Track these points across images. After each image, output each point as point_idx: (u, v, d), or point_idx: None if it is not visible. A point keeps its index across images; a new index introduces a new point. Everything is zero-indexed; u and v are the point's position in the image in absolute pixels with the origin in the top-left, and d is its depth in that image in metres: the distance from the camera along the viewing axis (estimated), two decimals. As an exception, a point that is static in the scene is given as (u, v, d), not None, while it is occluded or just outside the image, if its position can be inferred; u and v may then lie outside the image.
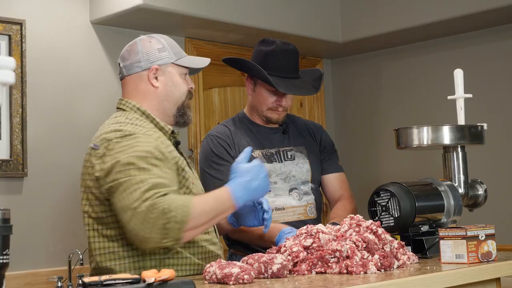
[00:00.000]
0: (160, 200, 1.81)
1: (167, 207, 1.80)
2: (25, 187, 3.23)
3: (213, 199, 1.91)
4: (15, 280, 3.11)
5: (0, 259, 1.40)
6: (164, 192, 1.84)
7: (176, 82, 2.14)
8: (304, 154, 2.66)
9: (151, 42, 2.14)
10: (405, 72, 4.41)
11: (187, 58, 2.18)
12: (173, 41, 2.21)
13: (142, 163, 1.89)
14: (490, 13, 3.69)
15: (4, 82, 1.36)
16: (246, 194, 1.92)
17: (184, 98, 2.16)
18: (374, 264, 1.80)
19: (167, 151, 1.99)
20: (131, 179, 1.87)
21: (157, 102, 2.12)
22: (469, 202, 2.52)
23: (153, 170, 1.89)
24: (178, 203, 1.82)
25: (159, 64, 2.11)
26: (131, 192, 1.85)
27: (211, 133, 2.64)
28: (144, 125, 2.04)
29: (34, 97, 3.27)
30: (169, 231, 1.80)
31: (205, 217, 1.87)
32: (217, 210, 1.90)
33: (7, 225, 1.42)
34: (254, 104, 2.65)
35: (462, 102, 2.53)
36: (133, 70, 2.12)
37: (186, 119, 2.18)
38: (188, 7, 3.49)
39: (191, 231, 1.86)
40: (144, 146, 1.93)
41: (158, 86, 2.11)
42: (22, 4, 3.28)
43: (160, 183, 1.86)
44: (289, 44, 2.63)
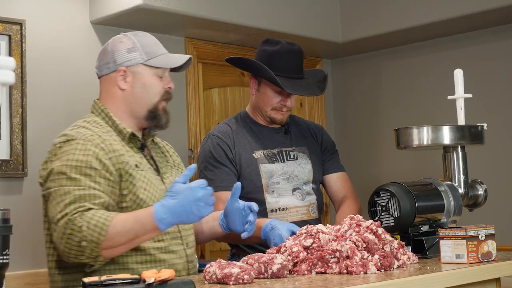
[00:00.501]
0: (77, 217, 1.80)
1: (82, 226, 1.78)
2: (25, 187, 3.23)
3: (133, 219, 1.83)
4: (15, 280, 3.11)
5: (0, 259, 1.40)
6: (88, 207, 1.82)
7: (146, 83, 2.07)
8: (306, 155, 2.66)
9: (122, 42, 2.09)
10: (405, 72, 4.41)
11: (159, 58, 2.09)
12: (149, 39, 2.13)
13: (73, 173, 1.88)
14: (490, 13, 3.69)
15: (4, 82, 1.36)
16: (170, 216, 1.81)
17: (158, 99, 2.09)
18: (374, 264, 1.80)
19: (107, 157, 1.93)
20: (59, 189, 1.87)
21: (124, 104, 2.08)
22: (469, 202, 2.52)
23: (83, 181, 1.87)
24: (94, 222, 1.79)
25: (127, 66, 2.06)
26: (56, 205, 1.86)
27: (212, 133, 2.63)
28: (95, 129, 2.01)
29: (34, 97, 3.27)
30: (84, 249, 1.79)
31: (124, 237, 1.81)
32: (137, 231, 1.82)
33: (7, 225, 1.42)
34: (258, 104, 2.63)
35: (462, 102, 2.53)
36: (103, 72, 2.11)
37: (157, 122, 2.10)
38: (188, 7, 3.49)
39: (109, 250, 1.82)
40: (79, 154, 1.91)
41: (125, 88, 2.07)
42: (22, 4, 3.28)
43: (86, 195, 1.84)
44: (293, 44, 2.63)
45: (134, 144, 2.07)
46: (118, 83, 2.07)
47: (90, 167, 1.90)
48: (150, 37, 2.15)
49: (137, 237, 1.83)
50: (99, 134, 1.99)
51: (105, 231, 1.78)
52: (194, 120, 3.93)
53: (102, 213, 1.82)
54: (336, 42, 4.27)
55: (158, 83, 2.09)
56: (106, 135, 2.00)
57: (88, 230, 1.78)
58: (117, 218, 1.82)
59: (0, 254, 1.41)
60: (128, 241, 1.83)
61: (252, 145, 2.59)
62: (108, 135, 2.01)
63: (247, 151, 2.57)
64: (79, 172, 1.88)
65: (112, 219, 1.80)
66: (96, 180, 1.89)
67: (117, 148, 1.98)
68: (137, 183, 1.97)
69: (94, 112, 2.11)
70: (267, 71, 2.51)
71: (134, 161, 2.01)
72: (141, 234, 1.83)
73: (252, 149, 2.58)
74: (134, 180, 1.97)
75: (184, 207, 1.80)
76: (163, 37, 3.80)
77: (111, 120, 2.06)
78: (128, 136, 2.05)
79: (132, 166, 1.98)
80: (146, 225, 1.82)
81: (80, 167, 1.89)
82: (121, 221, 1.82)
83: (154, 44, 2.12)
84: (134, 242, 1.85)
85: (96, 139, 1.96)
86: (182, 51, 3.89)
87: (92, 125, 2.04)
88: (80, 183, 1.86)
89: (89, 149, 1.92)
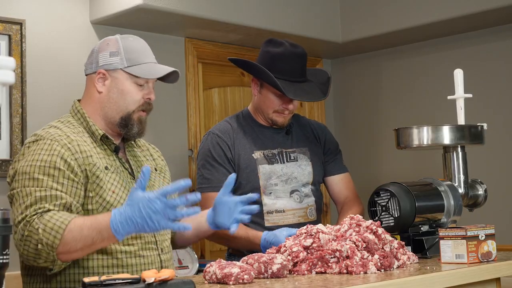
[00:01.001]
0: (35, 219, 1.77)
1: (39, 228, 1.76)
2: (25, 187, 3.22)
3: (90, 225, 1.76)
4: (15, 280, 3.10)
5: (0, 259, 1.40)
6: (47, 208, 1.80)
7: (123, 90, 2.02)
8: (307, 156, 2.65)
9: (108, 44, 2.06)
10: (405, 72, 4.41)
11: (140, 67, 2.02)
12: (138, 45, 2.07)
13: (36, 173, 1.86)
14: (490, 13, 3.69)
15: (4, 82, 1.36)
16: (127, 225, 1.72)
17: (133, 108, 2.03)
18: (374, 264, 1.80)
19: (73, 158, 1.90)
20: (22, 190, 1.85)
21: (99, 107, 2.05)
22: (469, 202, 2.52)
23: (45, 181, 1.85)
24: (50, 225, 1.75)
25: (107, 69, 2.03)
26: (18, 206, 1.84)
27: (213, 131, 2.61)
28: (65, 129, 1.99)
29: (34, 97, 3.27)
30: (40, 252, 1.77)
31: (80, 243, 1.76)
32: (93, 238, 1.76)
33: (7, 225, 1.42)
34: (259, 105, 2.61)
35: (462, 102, 2.53)
36: (87, 71, 2.10)
37: (127, 131, 2.04)
38: (188, 7, 3.49)
39: (66, 255, 1.79)
40: (43, 154, 1.89)
41: (102, 91, 2.04)
42: (22, 4, 3.28)
43: (47, 196, 1.82)
44: (297, 46, 2.58)
45: (108, 147, 2.04)
46: (96, 84, 2.05)
47: (54, 167, 1.87)
48: (139, 43, 2.08)
49: (94, 244, 1.78)
50: (67, 134, 1.96)
51: (60, 235, 1.74)
52: (194, 120, 3.93)
53: (60, 215, 1.78)
54: (336, 42, 4.27)
55: (137, 92, 2.03)
56: (75, 136, 1.98)
57: (44, 233, 1.75)
58: (74, 222, 1.77)
59: (0, 254, 1.40)
60: (85, 247, 1.78)
61: (252, 145, 2.57)
62: (79, 136, 1.98)
63: (246, 151, 2.56)
64: (42, 172, 1.86)
65: (69, 223, 1.76)
66: (59, 181, 1.86)
67: (85, 149, 1.95)
68: (104, 185, 1.94)
69: (71, 112, 2.10)
70: (269, 75, 2.47)
71: (104, 163, 1.97)
72: (98, 241, 1.77)
73: (252, 149, 2.57)
74: (101, 182, 1.93)
75: (140, 218, 1.70)
76: (163, 37, 3.80)
77: (86, 121, 2.04)
78: (99, 137, 2.02)
79: (100, 168, 1.95)
80: (103, 232, 1.75)
81: (44, 167, 1.87)
82: (78, 226, 1.76)
83: (141, 51, 2.06)
84: (91, 248, 1.80)
85: (64, 139, 1.94)
86: (182, 51, 3.89)
87: (65, 125, 2.02)
88: (42, 184, 1.84)
89: (55, 149, 1.90)
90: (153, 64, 2.06)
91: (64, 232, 1.75)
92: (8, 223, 1.43)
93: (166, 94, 3.67)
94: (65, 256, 1.79)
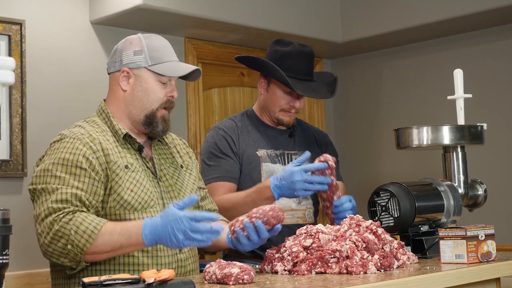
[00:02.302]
0: (63, 219, 1.81)
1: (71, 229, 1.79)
2: (25, 187, 3.22)
3: (120, 231, 1.83)
4: (15, 280, 3.11)
5: (0, 259, 1.40)
6: (72, 209, 1.83)
7: (147, 88, 2.05)
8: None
9: (132, 43, 2.08)
10: (405, 72, 4.41)
11: (165, 65, 2.06)
12: (160, 44, 2.10)
13: (59, 171, 1.89)
14: (490, 13, 3.69)
15: (4, 82, 1.36)
16: (154, 237, 1.80)
17: (156, 106, 2.06)
18: (374, 264, 1.80)
19: (94, 156, 1.93)
20: (46, 188, 1.88)
21: (124, 105, 2.08)
22: (469, 202, 2.52)
23: (68, 180, 1.88)
24: (83, 228, 1.80)
25: (131, 68, 2.05)
26: (41, 203, 1.87)
27: (218, 126, 2.62)
28: (89, 128, 2.02)
29: (34, 97, 3.27)
30: (69, 252, 1.81)
31: (109, 247, 1.83)
32: (122, 243, 1.83)
33: (7, 225, 1.43)
34: (266, 104, 2.62)
35: (462, 102, 2.53)
36: (110, 69, 2.11)
37: (152, 130, 2.07)
38: (188, 7, 3.49)
39: (92, 256, 1.84)
40: (66, 153, 1.92)
41: (127, 89, 2.06)
42: (22, 4, 3.28)
43: (68, 194, 1.85)
44: (305, 46, 2.60)
45: (132, 146, 2.06)
46: (120, 83, 2.07)
47: (76, 166, 1.91)
48: (162, 41, 2.12)
49: (121, 248, 1.84)
50: (90, 133, 1.99)
51: (93, 239, 1.80)
52: (194, 120, 3.93)
53: (93, 219, 1.83)
54: (336, 42, 4.27)
55: (160, 90, 2.06)
56: (98, 134, 2.00)
57: (76, 235, 1.79)
58: (106, 226, 1.82)
59: (0, 254, 1.41)
60: (112, 251, 1.85)
61: (256, 143, 2.58)
62: (102, 135, 2.01)
63: (251, 148, 2.57)
64: (65, 171, 1.90)
65: (101, 228, 1.81)
66: (81, 180, 1.89)
67: (107, 147, 1.98)
68: (123, 183, 1.96)
69: (97, 112, 2.13)
70: (278, 71, 2.49)
71: (125, 162, 1.99)
72: (125, 246, 1.84)
73: (256, 147, 2.58)
74: (120, 180, 1.96)
75: (164, 233, 1.78)
76: (163, 37, 3.80)
77: (109, 120, 2.07)
78: (122, 136, 2.04)
79: (120, 166, 1.97)
80: (132, 239, 1.82)
81: (67, 165, 1.90)
82: (109, 231, 1.82)
83: (164, 50, 2.10)
84: (118, 252, 1.87)
85: (86, 137, 1.97)
86: (182, 51, 3.90)
87: (90, 124, 2.05)
88: (64, 182, 1.88)
89: (77, 147, 1.93)
90: (176, 63, 2.09)
91: (97, 236, 1.80)
92: (8, 223, 1.43)
93: (166, 94, 3.68)
94: (90, 257, 1.85)
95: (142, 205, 1.97)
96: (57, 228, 1.80)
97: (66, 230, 1.80)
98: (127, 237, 1.82)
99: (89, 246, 1.79)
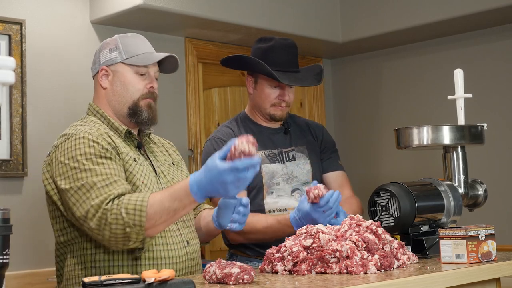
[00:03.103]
0: (112, 206, 1.82)
1: (122, 213, 1.80)
2: (25, 187, 3.23)
3: (169, 197, 1.84)
4: (15, 280, 3.11)
5: (0, 259, 1.40)
6: (116, 194, 1.84)
7: (125, 81, 2.09)
8: (305, 154, 2.65)
9: (108, 42, 2.14)
10: (405, 72, 4.41)
11: (138, 57, 2.10)
12: (136, 40, 2.14)
13: (87, 165, 1.90)
14: (490, 13, 3.69)
15: (4, 82, 1.36)
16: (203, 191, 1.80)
17: (137, 97, 2.10)
18: (374, 264, 1.79)
19: (110, 147, 1.97)
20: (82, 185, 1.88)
21: (107, 102, 2.12)
22: (469, 202, 2.51)
23: (100, 170, 1.89)
24: (132, 206, 1.81)
25: (108, 65, 2.10)
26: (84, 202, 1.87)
27: (215, 136, 2.61)
28: (93, 126, 2.03)
29: (34, 97, 3.27)
30: (130, 234, 1.82)
31: (164, 215, 1.84)
32: (175, 207, 1.84)
33: (7, 225, 1.42)
34: (256, 102, 2.63)
35: (462, 102, 2.53)
36: (93, 72, 2.17)
37: (137, 119, 2.10)
38: (188, 7, 3.49)
39: (152, 229, 1.85)
40: (85, 147, 1.93)
41: (107, 86, 2.11)
42: (22, 4, 3.28)
43: (107, 184, 1.86)
44: (287, 39, 2.64)
45: (131, 143, 2.10)
46: (100, 82, 2.12)
47: (100, 156, 1.92)
48: (137, 37, 2.16)
49: (176, 213, 1.85)
50: (97, 128, 2.02)
51: (145, 213, 1.81)
52: (194, 120, 3.93)
53: (137, 195, 1.84)
54: (336, 42, 4.27)
55: (139, 82, 2.10)
56: (103, 130, 2.03)
57: (129, 215, 1.80)
58: (153, 197, 1.83)
59: (0, 254, 1.40)
60: (169, 217, 1.85)
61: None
62: (106, 131, 2.04)
63: None
64: (91, 163, 1.91)
65: (148, 200, 1.83)
66: (110, 167, 1.91)
67: (115, 141, 2.01)
68: (136, 174, 2.00)
69: (89, 113, 2.15)
70: (262, 65, 2.52)
71: (132, 155, 2.04)
72: (179, 209, 1.85)
73: None
74: (134, 170, 2.00)
75: (212, 186, 1.77)
76: (163, 37, 3.80)
77: (106, 120, 2.10)
78: (124, 133, 2.07)
79: (131, 158, 2.02)
80: (184, 200, 1.83)
81: (91, 159, 1.91)
82: (158, 200, 1.83)
83: (138, 43, 2.14)
84: (174, 217, 1.87)
85: (95, 132, 1.99)
86: (182, 51, 3.90)
87: (90, 123, 2.07)
88: (96, 172, 1.89)
89: (93, 141, 1.95)
90: (149, 53, 2.13)
91: (147, 209, 1.81)
92: (8, 222, 1.43)
93: (166, 94, 3.67)
94: (151, 231, 1.85)
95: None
96: (110, 219, 1.81)
97: (118, 215, 1.81)
98: (178, 201, 1.83)
99: (145, 220, 1.80)
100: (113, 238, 1.84)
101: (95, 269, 1.96)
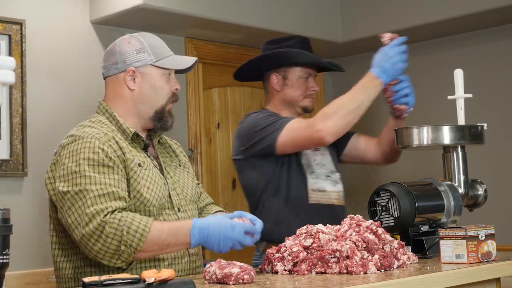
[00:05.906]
0: (111, 220, 1.81)
1: (123, 230, 1.80)
2: (25, 187, 3.23)
3: (169, 231, 1.87)
4: (15, 280, 3.11)
5: (0, 259, 1.40)
6: (115, 207, 1.83)
7: (155, 84, 2.08)
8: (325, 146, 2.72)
9: (130, 42, 2.10)
10: (405, 72, 4.40)
11: (168, 59, 2.11)
12: (156, 41, 2.14)
13: (87, 171, 1.88)
14: (490, 13, 3.69)
15: (4, 82, 1.36)
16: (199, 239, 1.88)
17: (165, 101, 2.10)
18: (374, 264, 1.80)
19: (115, 155, 1.95)
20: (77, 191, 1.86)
21: (132, 104, 2.09)
22: (469, 202, 2.51)
23: (99, 178, 1.87)
24: (134, 227, 1.81)
25: (136, 66, 2.07)
26: (79, 207, 1.85)
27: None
28: (100, 128, 2.01)
29: (34, 97, 3.27)
30: (122, 253, 1.82)
31: (156, 246, 1.85)
32: (169, 242, 1.87)
33: (7, 225, 1.42)
34: (287, 98, 2.68)
35: (462, 102, 2.53)
36: (111, 72, 2.11)
37: (163, 124, 2.11)
38: (188, 7, 3.49)
39: (140, 254, 1.85)
40: (89, 153, 1.91)
41: (135, 88, 2.08)
42: (22, 4, 3.28)
43: (104, 194, 1.85)
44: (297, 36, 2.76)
45: (138, 144, 2.08)
46: (127, 83, 2.07)
47: (103, 164, 1.91)
48: (156, 38, 2.16)
49: (168, 247, 1.88)
50: (105, 132, 2.00)
51: (145, 238, 1.81)
52: (194, 120, 3.93)
53: (141, 218, 1.85)
54: (336, 42, 4.27)
55: (166, 85, 2.10)
56: (111, 134, 2.01)
57: (129, 235, 1.80)
58: (154, 225, 1.85)
59: (0, 254, 1.41)
60: (159, 249, 1.87)
61: None
62: (113, 134, 2.02)
63: None
64: (92, 170, 1.89)
65: (151, 226, 1.84)
66: (111, 177, 1.90)
67: (122, 146, 1.99)
68: (141, 181, 1.98)
69: (99, 112, 2.13)
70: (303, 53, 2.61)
71: (138, 160, 2.02)
72: (173, 245, 1.88)
73: None
74: (138, 177, 1.98)
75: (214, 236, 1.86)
76: (163, 37, 3.76)
77: (115, 120, 2.07)
78: (131, 135, 2.06)
79: (136, 164, 2.00)
80: (180, 238, 1.87)
81: (93, 165, 1.90)
82: (158, 229, 1.85)
83: (162, 46, 2.14)
84: (164, 251, 1.90)
85: (103, 137, 1.97)
86: (182, 51, 3.90)
87: (97, 124, 2.05)
88: (96, 181, 1.87)
89: (97, 146, 1.93)
90: (176, 56, 2.14)
91: (148, 234, 1.82)
92: (8, 222, 1.43)
93: (166, 94, 3.68)
94: (138, 255, 1.85)
95: (158, 201, 1.99)
96: (108, 230, 1.80)
97: (117, 231, 1.80)
98: (175, 237, 1.86)
99: (142, 245, 1.81)
100: (102, 251, 1.82)
101: (94, 269, 1.96)
